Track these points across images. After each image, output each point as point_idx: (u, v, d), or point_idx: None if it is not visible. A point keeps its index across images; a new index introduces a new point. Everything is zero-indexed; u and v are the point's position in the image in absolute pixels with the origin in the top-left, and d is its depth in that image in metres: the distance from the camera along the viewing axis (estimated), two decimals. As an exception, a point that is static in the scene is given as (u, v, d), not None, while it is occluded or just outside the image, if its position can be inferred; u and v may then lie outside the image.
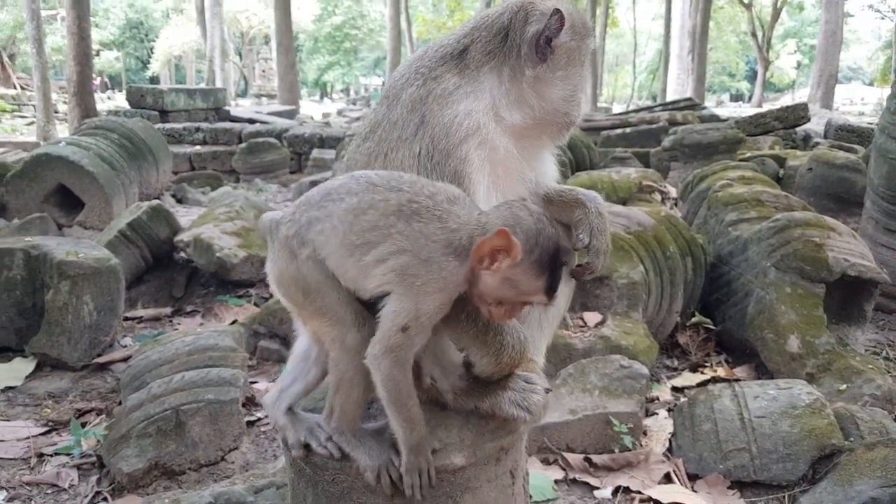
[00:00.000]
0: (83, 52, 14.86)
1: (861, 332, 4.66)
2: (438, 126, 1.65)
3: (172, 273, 6.10)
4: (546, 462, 3.41)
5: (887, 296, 5.26)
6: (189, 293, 5.98)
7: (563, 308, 1.95)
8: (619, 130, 12.20)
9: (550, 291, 1.59)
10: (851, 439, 3.21)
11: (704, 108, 14.65)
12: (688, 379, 4.31)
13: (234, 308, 5.52)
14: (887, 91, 5.76)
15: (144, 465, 3.29)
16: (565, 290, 1.92)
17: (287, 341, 4.78)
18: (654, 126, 12.00)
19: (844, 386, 4.02)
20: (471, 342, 1.71)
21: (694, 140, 9.28)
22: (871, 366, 4.21)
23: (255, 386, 4.39)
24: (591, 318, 4.42)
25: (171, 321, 5.52)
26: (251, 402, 4.18)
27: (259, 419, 4.04)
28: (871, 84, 42.68)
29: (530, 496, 2.20)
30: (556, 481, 3.30)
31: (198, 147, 14.02)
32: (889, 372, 4.31)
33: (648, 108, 14.88)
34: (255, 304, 5.54)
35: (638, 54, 52.57)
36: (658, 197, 7.36)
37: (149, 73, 55.13)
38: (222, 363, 3.82)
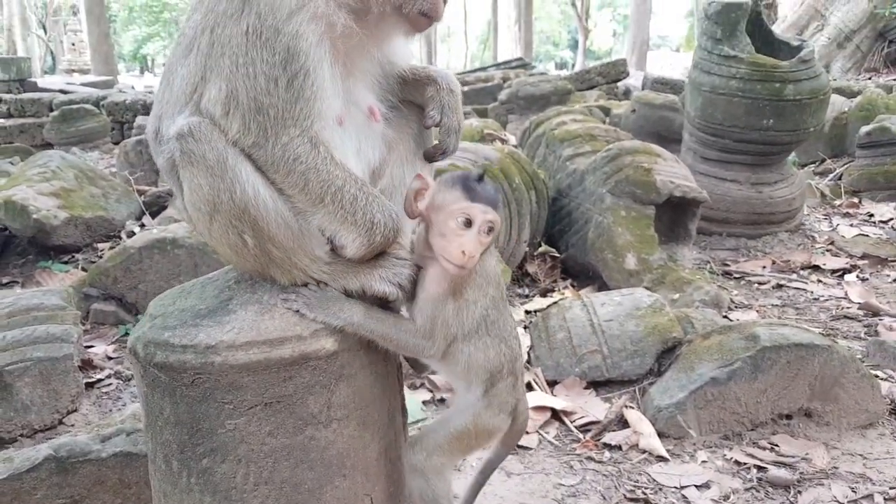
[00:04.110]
0: None
1: (688, 249, 5.05)
2: (263, 1, 1.53)
3: (-19, 244, 5.44)
4: (413, 387, 3.41)
5: (706, 219, 5.72)
6: (4, 264, 5.35)
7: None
8: (456, 89, 12.38)
9: (469, 193, 1.64)
10: (689, 336, 3.48)
11: (534, 67, 15.23)
12: (539, 303, 4.46)
13: (58, 275, 5.02)
14: (692, 55, 6.22)
15: (-35, 436, 2.93)
16: (426, 171, 1.89)
17: (123, 302, 4.43)
18: (489, 84, 12.30)
19: (677, 295, 4.35)
20: (340, 224, 1.63)
21: (528, 92, 9.62)
22: (698, 276, 4.59)
23: (91, 350, 4.04)
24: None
25: (-16, 295, 4.93)
26: (89, 366, 3.84)
27: (99, 380, 3.72)
28: (677, 50, 46.29)
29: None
30: (424, 402, 3.32)
31: (1, 120, 12.58)
32: (714, 282, 4.71)
33: (482, 69, 15.24)
34: (84, 269, 5.06)
35: (468, 24, 53.47)
36: (499, 144, 7.55)
37: (-68, 48, 48.49)
38: (51, 321, 3.46)
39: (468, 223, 1.62)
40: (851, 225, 6.13)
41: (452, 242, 1.62)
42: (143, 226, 5.76)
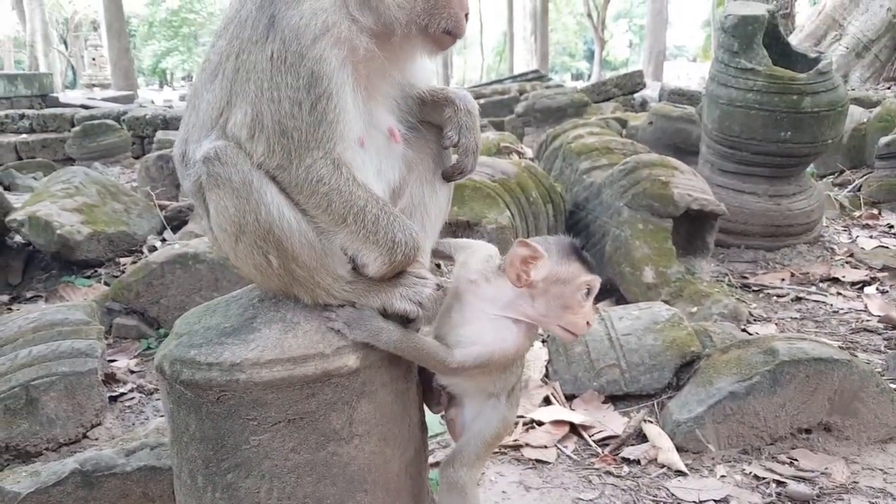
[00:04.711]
0: None
1: (706, 262, 5.05)
2: (288, 28, 1.57)
3: (6, 259, 5.54)
4: (430, 400, 3.43)
5: (724, 231, 5.71)
6: (28, 279, 5.46)
7: (444, 210, 1.94)
8: (467, 102, 12.49)
9: (586, 265, 1.72)
10: (707, 350, 3.48)
11: (550, 79, 15.27)
12: (556, 316, 4.47)
13: (81, 289, 5.11)
14: (709, 65, 6.25)
15: (-7, 449, 2.99)
16: (444, 190, 1.92)
17: (145, 316, 4.50)
18: (505, 97, 12.38)
19: (696, 308, 4.34)
20: (362, 244, 1.66)
21: (544, 105, 9.66)
22: (716, 289, 4.58)
23: (114, 364, 4.10)
24: (462, 264, 4.48)
25: (9, 309, 5.01)
26: (112, 380, 3.90)
27: (122, 394, 3.78)
28: (694, 60, 46.21)
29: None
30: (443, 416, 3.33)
31: (24, 135, 12.82)
32: (732, 294, 4.70)
33: (499, 81, 15.31)
34: (106, 284, 5.15)
35: (484, 36, 53.79)
36: (516, 157, 7.58)
37: (-43, 65, 49.37)
38: (75, 336, 3.52)
39: (588, 294, 1.72)
40: (871, 237, 6.08)
41: (578, 314, 1.72)
42: (164, 240, 5.85)
